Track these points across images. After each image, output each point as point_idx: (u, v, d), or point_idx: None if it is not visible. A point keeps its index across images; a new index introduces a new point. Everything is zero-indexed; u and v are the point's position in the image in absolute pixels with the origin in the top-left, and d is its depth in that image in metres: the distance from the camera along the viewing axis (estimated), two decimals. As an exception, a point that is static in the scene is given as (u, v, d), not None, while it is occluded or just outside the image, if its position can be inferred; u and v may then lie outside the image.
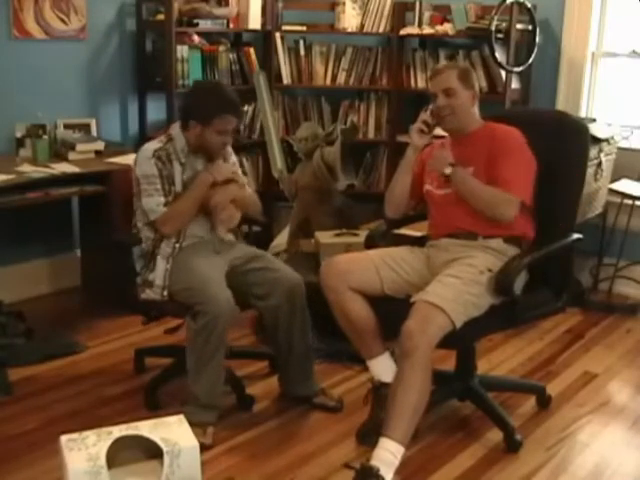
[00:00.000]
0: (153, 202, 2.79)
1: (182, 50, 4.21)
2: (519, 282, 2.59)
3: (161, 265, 2.81)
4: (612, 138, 3.95)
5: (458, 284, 2.49)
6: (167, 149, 2.85)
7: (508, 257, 2.60)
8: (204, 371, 2.66)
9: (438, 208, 2.81)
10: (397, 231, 3.10)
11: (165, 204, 2.79)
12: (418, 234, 3.05)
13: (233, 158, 3.07)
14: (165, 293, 2.79)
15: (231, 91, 2.90)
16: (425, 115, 2.81)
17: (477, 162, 2.70)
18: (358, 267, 2.68)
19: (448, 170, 2.67)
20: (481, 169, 2.69)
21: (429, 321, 2.39)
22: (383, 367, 2.70)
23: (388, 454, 2.31)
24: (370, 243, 2.95)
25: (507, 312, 2.57)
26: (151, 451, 2.15)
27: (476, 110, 2.81)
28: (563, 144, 2.73)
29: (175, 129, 2.90)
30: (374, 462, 2.30)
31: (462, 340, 2.59)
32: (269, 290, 2.82)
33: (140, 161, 2.84)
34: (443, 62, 4.44)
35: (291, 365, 2.92)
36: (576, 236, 2.73)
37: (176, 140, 2.87)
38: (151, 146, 2.86)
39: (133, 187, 2.86)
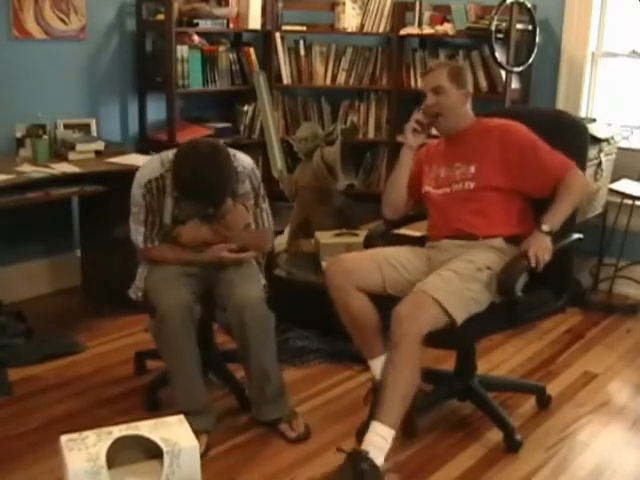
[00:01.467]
0: (135, 229, 2.76)
1: (182, 50, 4.21)
2: (520, 282, 2.59)
3: (144, 267, 2.80)
4: (612, 138, 3.95)
5: (455, 279, 2.50)
6: (165, 178, 2.69)
7: (508, 256, 2.59)
8: (175, 377, 2.62)
9: (437, 209, 2.81)
10: (397, 231, 3.10)
11: (144, 236, 2.74)
12: (418, 234, 3.05)
13: (246, 186, 2.79)
14: (140, 294, 2.78)
15: (209, 183, 2.55)
16: (418, 114, 2.81)
17: (480, 158, 2.70)
18: (363, 266, 2.68)
19: (546, 228, 2.54)
20: (485, 163, 2.68)
21: (421, 309, 2.40)
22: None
23: (379, 438, 2.34)
24: (369, 243, 2.95)
25: (507, 312, 2.56)
26: (151, 451, 2.15)
27: (468, 109, 2.80)
28: (562, 143, 2.72)
29: None
30: (365, 446, 2.33)
31: (463, 339, 2.60)
32: (223, 305, 2.69)
33: (135, 183, 2.72)
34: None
35: (251, 386, 2.75)
36: (576, 236, 2.73)
37: None
38: (149, 172, 2.71)
39: None
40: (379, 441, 2.34)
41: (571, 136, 2.81)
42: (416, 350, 2.39)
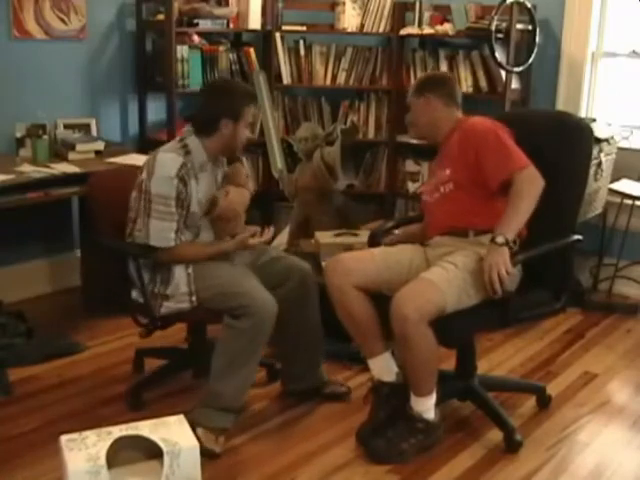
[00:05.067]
0: (162, 227, 2.63)
1: (182, 50, 4.21)
2: (512, 279, 2.58)
3: (181, 273, 2.67)
4: (612, 138, 3.94)
5: (454, 269, 2.54)
6: (186, 163, 2.65)
7: None
8: (237, 372, 2.61)
9: (430, 213, 2.85)
10: (397, 231, 3.11)
11: (176, 231, 2.64)
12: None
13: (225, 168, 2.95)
14: (194, 299, 2.67)
15: (243, 83, 3.06)
16: None
17: (452, 160, 2.73)
18: (363, 266, 2.70)
19: (500, 240, 2.48)
20: (456, 163, 2.70)
21: (419, 292, 2.47)
22: (383, 366, 2.71)
23: (425, 404, 2.58)
24: (374, 241, 2.97)
25: (500, 310, 2.56)
26: (151, 451, 2.15)
27: (441, 114, 2.78)
28: (565, 145, 2.71)
29: (192, 140, 2.71)
30: (417, 414, 2.59)
31: (456, 334, 2.60)
32: (283, 277, 2.84)
33: (159, 178, 2.61)
34: (443, 63, 4.45)
35: (300, 355, 2.91)
36: (575, 237, 2.72)
37: (195, 153, 2.69)
38: (173, 162, 2.63)
39: (137, 194, 2.68)
40: (425, 404, 2.57)
41: (576, 139, 2.78)
42: (422, 327, 2.43)
